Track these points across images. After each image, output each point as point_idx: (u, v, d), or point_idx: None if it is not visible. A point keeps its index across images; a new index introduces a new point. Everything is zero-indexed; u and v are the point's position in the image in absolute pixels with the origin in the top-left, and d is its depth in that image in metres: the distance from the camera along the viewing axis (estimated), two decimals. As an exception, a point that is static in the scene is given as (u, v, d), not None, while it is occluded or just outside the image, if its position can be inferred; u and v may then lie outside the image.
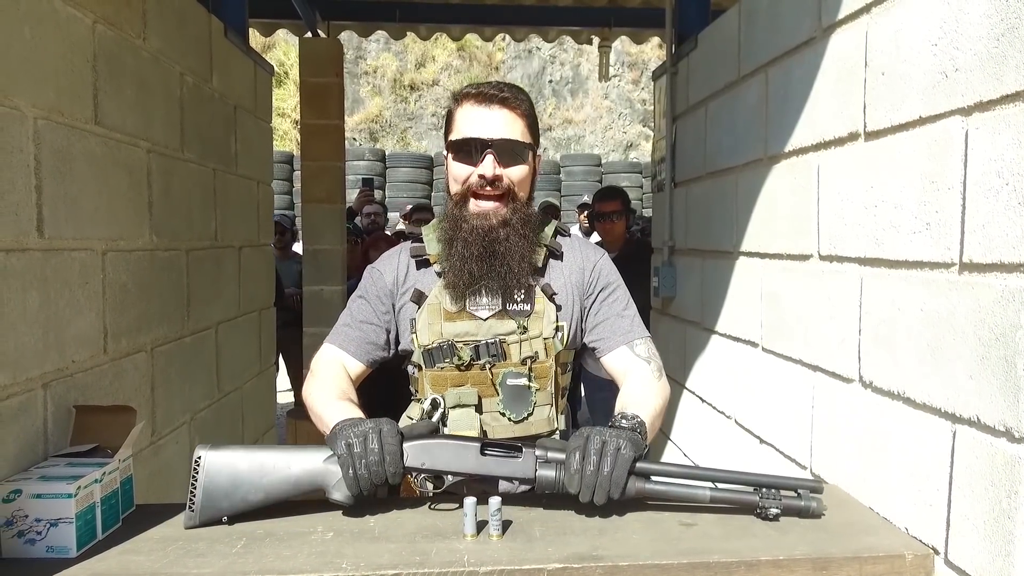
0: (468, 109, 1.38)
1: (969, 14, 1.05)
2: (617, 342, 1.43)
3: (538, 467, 1.18)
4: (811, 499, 1.19)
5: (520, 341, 1.36)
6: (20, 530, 1.07)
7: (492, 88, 1.38)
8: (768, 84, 1.79)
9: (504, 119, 1.36)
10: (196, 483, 1.16)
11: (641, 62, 15.82)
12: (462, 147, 1.36)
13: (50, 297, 1.34)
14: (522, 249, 1.35)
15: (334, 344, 1.44)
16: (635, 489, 1.16)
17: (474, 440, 1.22)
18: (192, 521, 1.16)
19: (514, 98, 1.38)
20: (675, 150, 2.60)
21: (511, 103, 1.37)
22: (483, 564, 1.03)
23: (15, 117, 1.25)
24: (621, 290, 1.47)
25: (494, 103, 1.37)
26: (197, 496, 1.16)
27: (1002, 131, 0.98)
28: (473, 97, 1.38)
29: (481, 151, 1.35)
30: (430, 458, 1.20)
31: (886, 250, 1.26)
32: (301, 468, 1.18)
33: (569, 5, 4.65)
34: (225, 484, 1.16)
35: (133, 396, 1.71)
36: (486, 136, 1.34)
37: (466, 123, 1.37)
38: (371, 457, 1.14)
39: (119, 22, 1.66)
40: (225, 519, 1.17)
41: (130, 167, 1.71)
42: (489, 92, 1.37)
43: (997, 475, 0.97)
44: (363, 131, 15.79)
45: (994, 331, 0.98)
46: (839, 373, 1.42)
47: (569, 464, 1.15)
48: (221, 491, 1.16)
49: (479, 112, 1.37)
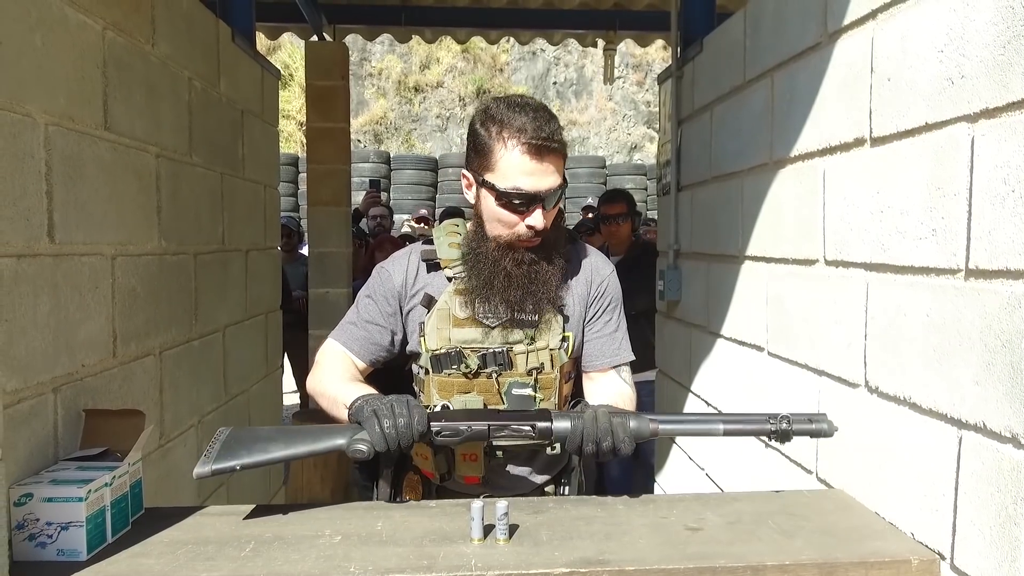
0: (520, 159, 1.31)
1: (975, 21, 1.05)
2: (606, 362, 1.49)
3: (554, 419, 1.24)
4: (821, 421, 1.24)
5: (527, 351, 1.38)
6: (31, 533, 1.08)
7: (544, 138, 1.31)
8: (774, 89, 1.79)
9: (553, 170, 1.34)
10: (215, 443, 1.22)
11: (646, 64, 15.81)
12: (510, 197, 1.32)
13: (60, 302, 1.35)
14: (555, 274, 1.40)
15: (338, 341, 1.46)
16: (650, 430, 1.23)
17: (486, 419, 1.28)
18: (205, 467, 1.18)
19: (560, 144, 1.34)
20: (680, 154, 2.60)
21: (558, 151, 1.34)
22: (490, 568, 1.03)
23: (27, 124, 1.26)
24: (620, 309, 1.53)
25: (547, 156, 1.32)
26: (214, 448, 1.20)
27: (1008, 138, 0.98)
28: (526, 146, 1.31)
29: (531, 204, 1.32)
30: (449, 417, 1.26)
31: (892, 255, 1.26)
32: (323, 431, 1.25)
33: (574, 8, 4.66)
34: (245, 438, 1.23)
35: (142, 399, 1.72)
36: (541, 190, 1.32)
37: (517, 174, 1.31)
38: (400, 419, 1.19)
39: (128, 28, 1.67)
40: (239, 466, 1.19)
41: (139, 172, 1.73)
42: (541, 144, 1.31)
43: (1003, 481, 0.98)
44: (367, 133, 15.81)
45: (1000, 337, 0.98)
46: (845, 378, 1.42)
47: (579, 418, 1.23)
48: (242, 445, 1.22)
49: (532, 166, 1.31)
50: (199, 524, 1.22)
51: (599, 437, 1.21)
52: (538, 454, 1.44)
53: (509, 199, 1.32)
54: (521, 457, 1.44)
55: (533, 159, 1.31)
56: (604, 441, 1.21)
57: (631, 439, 1.22)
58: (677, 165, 2.61)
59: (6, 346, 1.17)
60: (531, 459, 1.46)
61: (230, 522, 1.22)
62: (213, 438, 1.23)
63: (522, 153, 1.31)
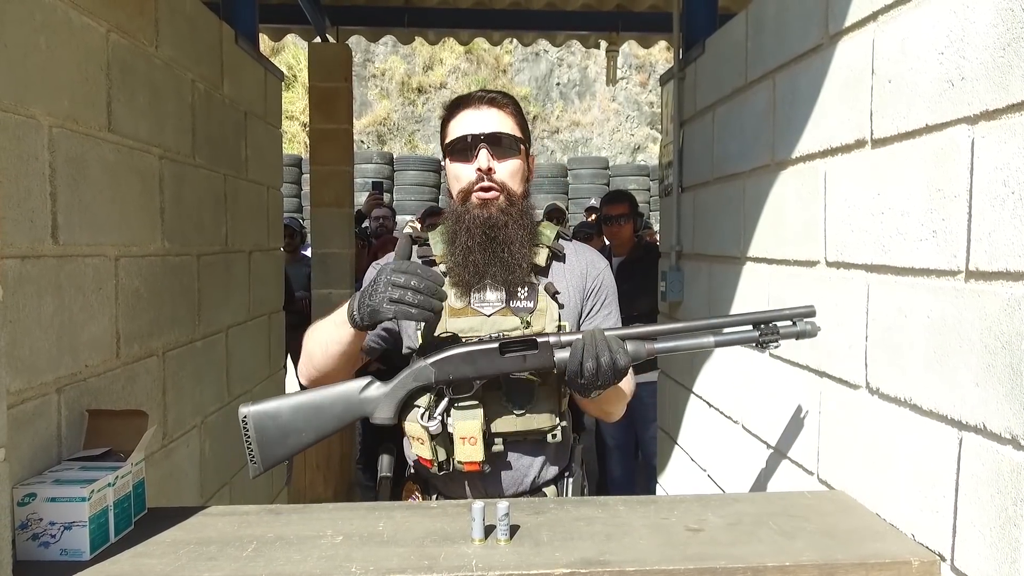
0: (463, 113, 1.48)
1: (976, 23, 1.05)
2: None
3: (555, 352, 1.28)
4: (805, 324, 1.28)
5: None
6: (34, 533, 1.09)
7: (480, 91, 1.51)
8: (775, 90, 1.79)
9: (494, 116, 1.46)
10: (249, 439, 1.28)
11: (648, 64, 15.82)
12: (457, 146, 1.45)
13: (64, 303, 1.36)
14: (522, 237, 1.42)
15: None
16: (645, 350, 1.27)
17: (491, 342, 1.30)
18: (258, 471, 1.28)
19: (502, 98, 1.50)
20: (683, 155, 2.60)
21: (499, 102, 1.48)
22: (491, 568, 1.04)
23: (31, 126, 1.27)
24: (616, 303, 1.55)
25: (483, 104, 1.47)
26: (254, 450, 1.28)
27: (1008, 140, 0.98)
28: (463, 102, 1.49)
29: (475, 147, 1.43)
30: (455, 369, 1.29)
31: (893, 257, 1.26)
32: (343, 404, 1.30)
33: (577, 9, 4.66)
34: (275, 434, 1.28)
35: (145, 400, 1.73)
36: (478, 131, 1.43)
37: (459, 125, 1.47)
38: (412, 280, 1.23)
39: (132, 30, 1.68)
40: (286, 462, 1.28)
41: (142, 173, 1.73)
42: (477, 95, 1.49)
43: (1003, 482, 0.98)
44: (371, 134, 15.83)
45: (1000, 339, 0.98)
46: (846, 379, 1.42)
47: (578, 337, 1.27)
48: (273, 441, 1.28)
49: (470, 113, 1.47)
50: (202, 524, 1.22)
51: (597, 352, 1.23)
52: (541, 444, 1.44)
53: (455, 148, 1.46)
54: (522, 446, 1.44)
55: (472, 109, 1.47)
56: (603, 356, 1.23)
57: (627, 352, 1.25)
58: (679, 166, 2.62)
59: (10, 347, 1.18)
60: (532, 449, 1.45)
61: (232, 522, 1.22)
62: (244, 432, 1.28)
63: (463, 110, 1.48)
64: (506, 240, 1.40)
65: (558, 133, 15.82)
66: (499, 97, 1.49)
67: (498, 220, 1.40)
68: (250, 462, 1.28)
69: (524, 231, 1.43)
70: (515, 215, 1.42)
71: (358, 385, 1.31)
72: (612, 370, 1.24)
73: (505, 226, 1.40)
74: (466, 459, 1.36)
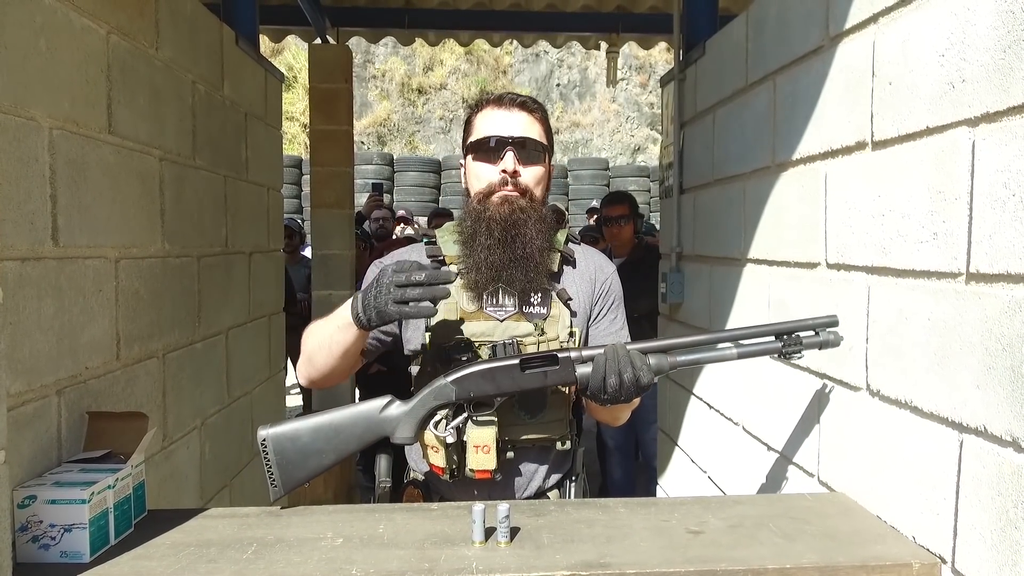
0: (488, 112, 1.45)
1: (976, 25, 1.05)
2: None
3: (577, 367, 1.26)
4: (828, 334, 1.28)
5: (537, 343, 1.38)
6: (34, 535, 1.09)
7: (511, 94, 1.47)
8: (776, 92, 1.79)
9: (523, 120, 1.44)
10: (270, 463, 1.26)
11: (649, 65, 15.82)
12: (483, 146, 1.42)
13: (64, 305, 1.36)
14: (541, 241, 1.39)
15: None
16: (668, 364, 1.25)
17: (511, 358, 1.28)
18: (278, 495, 1.26)
19: (532, 103, 1.47)
20: (683, 156, 2.60)
21: (529, 107, 1.46)
22: (491, 571, 1.04)
23: (31, 128, 1.27)
24: (622, 308, 1.54)
25: (514, 106, 1.44)
26: (275, 473, 1.26)
27: (1009, 142, 0.98)
28: (493, 102, 1.46)
29: (502, 149, 1.40)
30: (475, 387, 1.27)
31: (893, 259, 1.26)
32: (363, 425, 1.28)
33: (577, 11, 4.66)
34: (295, 456, 1.26)
35: (145, 402, 1.73)
36: (507, 134, 1.40)
37: (487, 124, 1.44)
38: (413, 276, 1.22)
39: (133, 32, 1.68)
40: (306, 484, 1.28)
41: (143, 175, 1.73)
42: (508, 96, 1.46)
43: (1004, 485, 0.98)
44: (371, 135, 15.84)
45: (1001, 341, 0.98)
46: (847, 381, 1.42)
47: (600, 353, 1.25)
48: (293, 463, 1.26)
49: (500, 114, 1.44)
50: (202, 526, 1.22)
51: (620, 368, 1.21)
52: (548, 451, 1.44)
53: (480, 147, 1.42)
54: (532, 454, 1.44)
55: (500, 109, 1.44)
56: (625, 372, 1.21)
57: (650, 369, 1.23)
58: (679, 167, 2.61)
59: (10, 349, 1.18)
60: (540, 455, 1.45)
61: (233, 524, 1.22)
62: (264, 455, 1.26)
63: (491, 109, 1.45)
64: (526, 240, 1.37)
65: (558, 134, 15.82)
66: (529, 102, 1.47)
67: (519, 219, 1.37)
68: (271, 486, 1.25)
69: (543, 236, 1.40)
70: (535, 218, 1.39)
71: (378, 405, 1.28)
72: (635, 386, 1.22)
73: (525, 224, 1.37)
74: (479, 467, 1.35)
